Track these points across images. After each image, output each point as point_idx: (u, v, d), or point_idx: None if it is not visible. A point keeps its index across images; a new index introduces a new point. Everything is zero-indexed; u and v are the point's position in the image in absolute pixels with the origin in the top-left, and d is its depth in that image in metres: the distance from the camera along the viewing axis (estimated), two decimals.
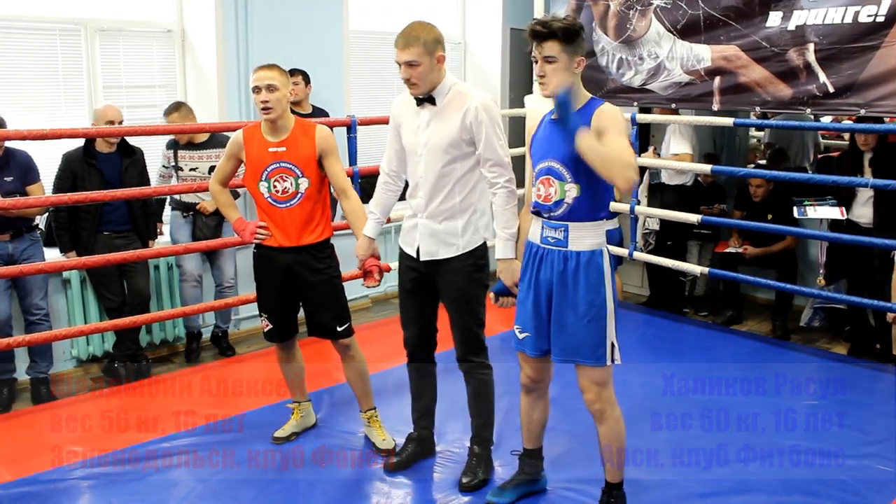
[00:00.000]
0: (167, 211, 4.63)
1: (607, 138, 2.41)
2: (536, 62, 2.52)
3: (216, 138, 4.51)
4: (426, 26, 2.73)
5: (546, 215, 2.58)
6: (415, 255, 2.92)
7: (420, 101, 2.80)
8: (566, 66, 2.47)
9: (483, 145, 2.74)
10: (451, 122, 2.74)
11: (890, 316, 4.01)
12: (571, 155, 2.44)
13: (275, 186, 3.06)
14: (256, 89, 3.01)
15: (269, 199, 3.08)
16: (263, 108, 3.02)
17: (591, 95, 2.58)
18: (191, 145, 4.47)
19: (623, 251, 5.25)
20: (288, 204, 3.08)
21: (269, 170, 3.06)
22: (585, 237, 2.54)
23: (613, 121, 2.46)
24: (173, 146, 4.47)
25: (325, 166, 3.13)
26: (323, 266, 3.17)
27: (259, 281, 3.26)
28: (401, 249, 3.01)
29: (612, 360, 2.59)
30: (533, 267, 2.64)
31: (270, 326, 3.28)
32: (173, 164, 4.46)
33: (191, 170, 4.45)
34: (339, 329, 3.22)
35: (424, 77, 2.71)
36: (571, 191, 2.51)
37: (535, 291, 2.63)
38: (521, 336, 2.72)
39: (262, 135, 3.10)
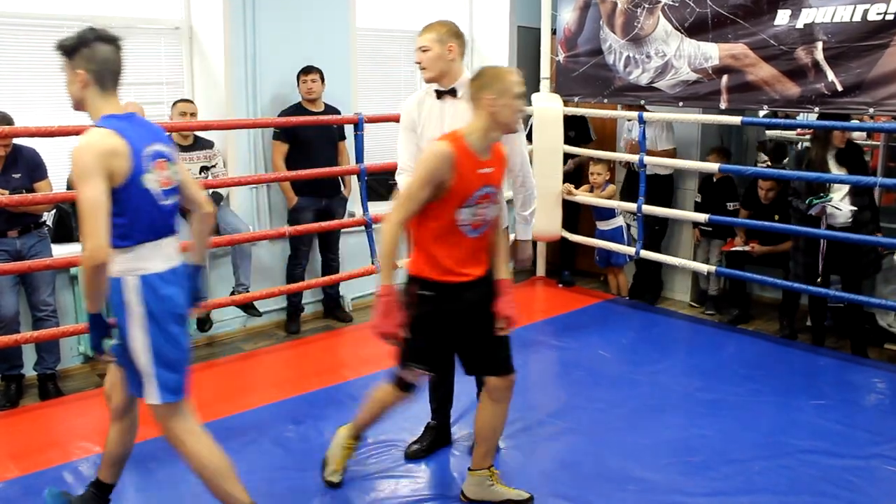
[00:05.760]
0: None
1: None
2: None
3: (201, 140, 4.58)
4: (446, 22, 2.96)
5: None
6: None
7: (441, 95, 2.95)
8: None
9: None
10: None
11: None
12: None
13: (477, 213, 2.58)
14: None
15: (463, 228, 2.58)
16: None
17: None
18: (179, 147, 4.51)
19: (630, 250, 5.25)
20: (479, 231, 2.63)
21: (477, 195, 2.56)
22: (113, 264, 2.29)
23: (77, 170, 2.27)
24: None
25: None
26: (496, 297, 2.74)
27: (432, 327, 2.66)
28: None
29: (157, 399, 2.37)
30: None
31: (427, 375, 2.79)
32: None
33: None
34: (511, 364, 2.78)
35: (433, 62, 2.90)
36: None
37: None
38: None
39: (471, 152, 2.55)
